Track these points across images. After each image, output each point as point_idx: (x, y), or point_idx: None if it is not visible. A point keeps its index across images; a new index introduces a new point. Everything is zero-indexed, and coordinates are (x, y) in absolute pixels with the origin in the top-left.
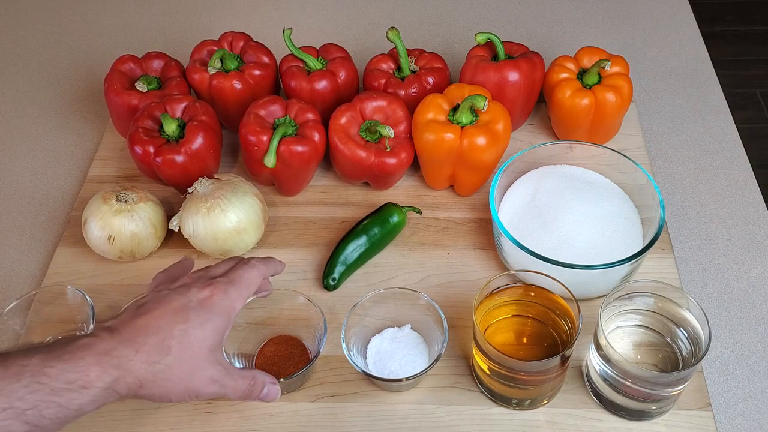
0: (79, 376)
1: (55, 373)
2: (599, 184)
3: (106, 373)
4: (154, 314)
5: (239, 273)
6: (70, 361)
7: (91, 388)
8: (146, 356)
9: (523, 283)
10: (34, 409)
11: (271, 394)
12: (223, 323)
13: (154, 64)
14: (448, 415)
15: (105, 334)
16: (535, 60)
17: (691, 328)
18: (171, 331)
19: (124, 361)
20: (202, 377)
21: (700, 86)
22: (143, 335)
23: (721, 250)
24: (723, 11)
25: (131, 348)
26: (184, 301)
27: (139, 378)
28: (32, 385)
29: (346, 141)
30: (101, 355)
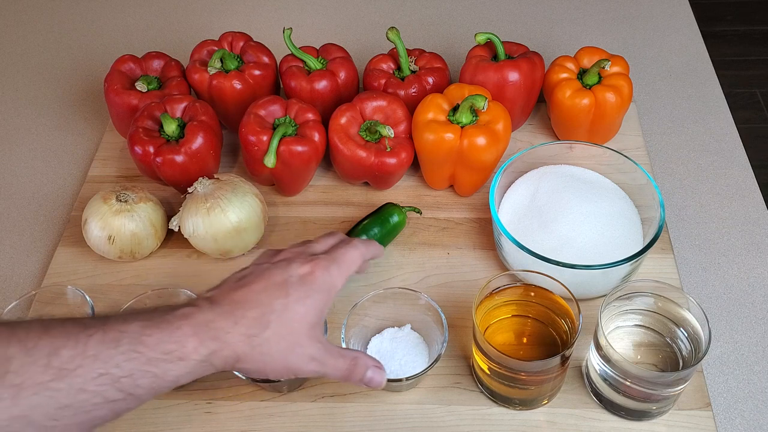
0: (176, 347)
1: (152, 343)
2: (599, 184)
3: (203, 346)
4: (254, 288)
5: (341, 251)
6: (167, 330)
7: (187, 360)
8: (245, 329)
9: (523, 283)
10: (129, 377)
11: (376, 379)
12: (323, 300)
13: (154, 64)
14: (448, 415)
15: (205, 304)
16: (535, 60)
17: (691, 328)
18: (271, 306)
19: (221, 334)
20: (301, 354)
21: (700, 86)
22: (242, 308)
23: (721, 250)
24: (723, 11)
25: (230, 320)
26: (285, 276)
27: (237, 351)
28: (129, 353)
29: (346, 141)
30: (199, 326)
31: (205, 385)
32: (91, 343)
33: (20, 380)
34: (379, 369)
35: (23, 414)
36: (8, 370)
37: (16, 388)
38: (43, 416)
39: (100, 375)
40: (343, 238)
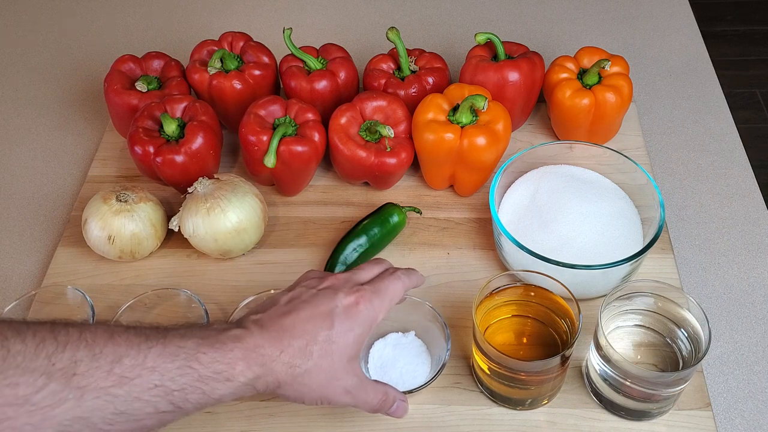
0: (226, 368)
1: (206, 361)
2: (599, 184)
3: (250, 370)
4: (302, 316)
5: (385, 284)
6: (220, 351)
7: (233, 381)
8: (289, 358)
9: (523, 283)
10: (181, 391)
11: (399, 410)
12: (364, 333)
13: (154, 64)
14: (448, 415)
15: (255, 329)
16: (535, 60)
17: (691, 328)
18: (315, 336)
19: (268, 360)
20: (337, 386)
21: (700, 86)
22: (289, 336)
23: (721, 250)
24: (723, 11)
25: (277, 348)
26: (331, 306)
27: (279, 379)
28: (184, 368)
29: (346, 141)
30: (248, 351)
31: None
32: (150, 355)
33: (85, 383)
34: (404, 402)
35: (84, 415)
36: (75, 372)
37: (81, 390)
38: (101, 420)
39: (155, 386)
40: (389, 267)
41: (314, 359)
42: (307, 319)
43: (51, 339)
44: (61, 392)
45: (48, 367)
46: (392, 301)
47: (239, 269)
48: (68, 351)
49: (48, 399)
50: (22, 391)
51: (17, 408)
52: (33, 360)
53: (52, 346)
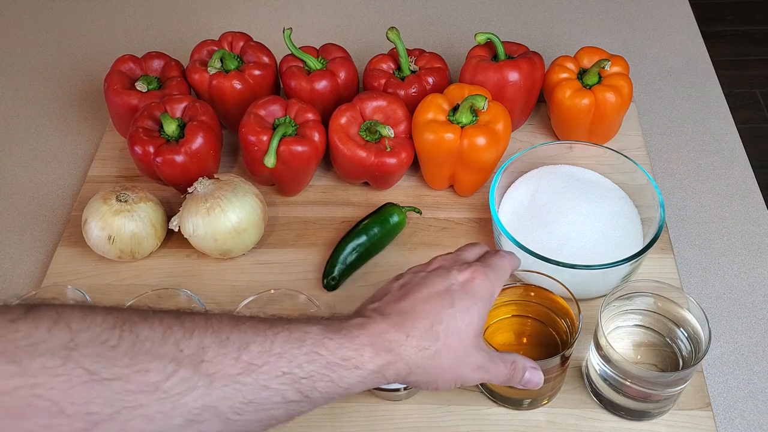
0: (354, 355)
1: (333, 347)
2: (599, 184)
3: (378, 356)
4: (419, 297)
5: (494, 260)
6: (347, 337)
7: (362, 369)
8: (417, 342)
9: (523, 283)
10: (309, 379)
11: (534, 379)
12: (485, 307)
13: (154, 64)
14: (448, 415)
15: (375, 315)
16: (535, 60)
17: (691, 328)
18: (439, 316)
19: (395, 346)
20: (468, 364)
21: (700, 86)
22: (412, 320)
23: (721, 250)
24: (723, 11)
25: (402, 332)
26: (447, 285)
27: (409, 364)
28: (311, 355)
29: (346, 141)
30: (375, 337)
31: None
32: (277, 341)
33: (214, 370)
34: (536, 370)
35: (214, 404)
36: (204, 359)
37: (209, 378)
38: (230, 409)
39: (283, 374)
40: (486, 247)
41: (442, 339)
42: (425, 299)
43: (178, 325)
44: (191, 379)
45: (176, 353)
46: (503, 276)
47: (239, 269)
48: (195, 337)
49: (178, 386)
50: (152, 377)
51: (149, 395)
52: (162, 346)
53: (179, 332)
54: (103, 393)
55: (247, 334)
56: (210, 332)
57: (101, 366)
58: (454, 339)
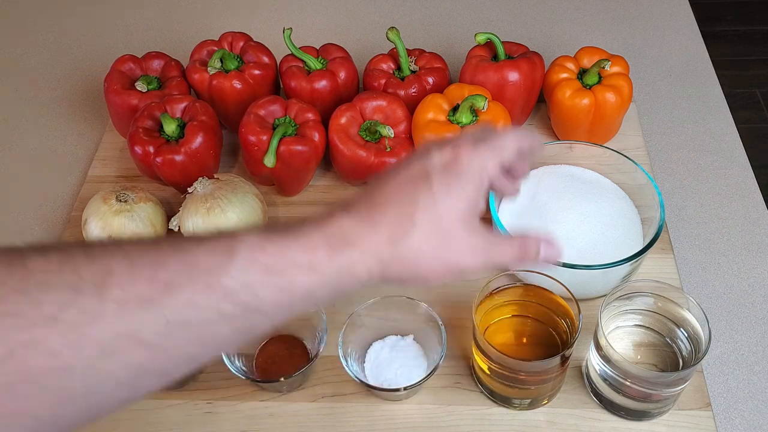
0: (305, 256)
1: (275, 250)
2: (599, 184)
3: (337, 255)
4: (393, 184)
5: (488, 133)
6: (295, 237)
7: (320, 271)
8: (387, 232)
9: (522, 283)
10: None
11: (551, 253)
12: (474, 186)
13: (154, 64)
14: (448, 415)
15: (340, 212)
16: (535, 60)
17: (691, 328)
18: (414, 201)
19: (359, 240)
20: (459, 246)
21: (700, 86)
22: (382, 211)
23: (721, 250)
24: (723, 11)
25: (368, 224)
26: (426, 166)
27: (381, 258)
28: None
29: (346, 141)
30: (332, 235)
31: (205, 385)
32: (201, 254)
33: (123, 295)
34: (551, 243)
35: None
36: (110, 284)
37: (118, 303)
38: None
39: (209, 287)
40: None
41: (420, 225)
42: (399, 185)
43: (80, 253)
44: (96, 307)
45: (76, 280)
46: (501, 150)
47: None
48: (100, 262)
49: (80, 316)
50: (47, 309)
51: (46, 329)
52: (57, 275)
53: (80, 259)
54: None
55: (164, 252)
56: (119, 255)
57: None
58: (435, 224)
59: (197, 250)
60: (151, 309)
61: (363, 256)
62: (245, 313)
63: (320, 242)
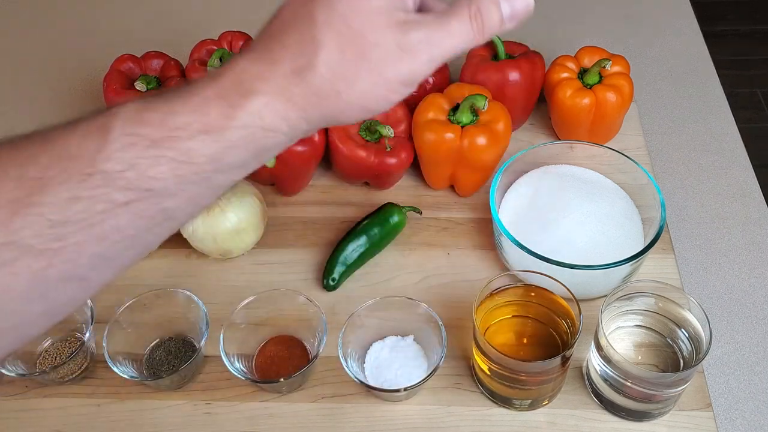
0: (194, 118)
1: (156, 119)
2: (600, 184)
3: (236, 108)
4: (289, 7)
5: None
6: (180, 101)
7: (216, 132)
8: (289, 65)
9: (523, 284)
10: (132, 169)
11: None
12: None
13: (153, 63)
14: (448, 416)
15: (236, 59)
16: (535, 59)
17: (692, 329)
18: (311, 15)
19: (257, 83)
20: (388, 51)
21: (701, 86)
22: (278, 39)
23: (722, 250)
24: (724, 11)
25: (266, 63)
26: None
27: (292, 100)
28: (124, 139)
29: (346, 141)
30: (226, 87)
31: (204, 386)
32: (74, 140)
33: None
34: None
35: (9, 240)
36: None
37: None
38: (36, 238)
39: (88, 175)
40: None
41: (323, 42)
42: (298, 6)
43: None
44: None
45: None
46: None
47: (239, 269)
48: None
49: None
50: None
51: None
52: None
53: None
54: None
55: (35, 146)
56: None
57: None
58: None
59: (70, 136)
60: (26, 211)
61: (268, 103)
62: (144, 197)
63: (213, 98)
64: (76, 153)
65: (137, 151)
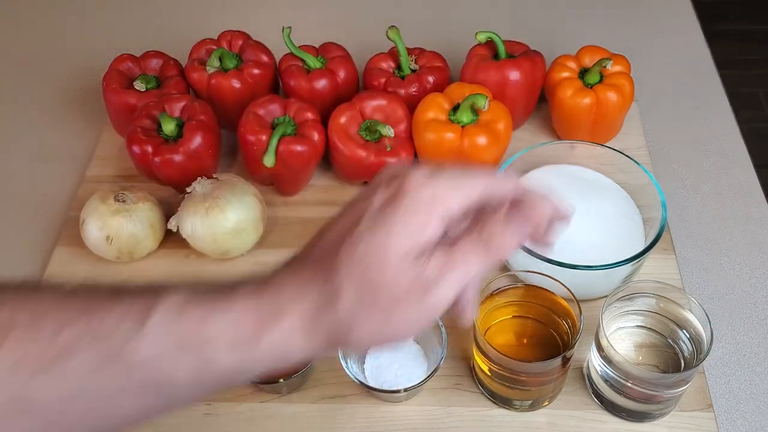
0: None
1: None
2: (601, 184)
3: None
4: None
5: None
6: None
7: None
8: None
9: (523, 284)
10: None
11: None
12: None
13: (153, 63)
14: (449, 416)
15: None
16: (536, 59)
17: (693, 329)
18: (335, 265)
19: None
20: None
21: (702, 85)
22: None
23: (723, 250)
24: (726, 10)
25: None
26: (361, 209)
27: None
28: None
29: (346, 140)
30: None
31: None
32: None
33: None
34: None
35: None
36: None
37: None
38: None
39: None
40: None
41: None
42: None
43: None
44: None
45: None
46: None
47: (238, 269)
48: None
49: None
50: None
51: None
52: None
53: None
54: None
55: (75, 306)
56: (28, 308)
57: None
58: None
59: (112, 310)
60: (47, 374)
61: (295, 327)
62: (154, 389)
63: (250, 312)
64: (109, 333)
65: (166, 348)
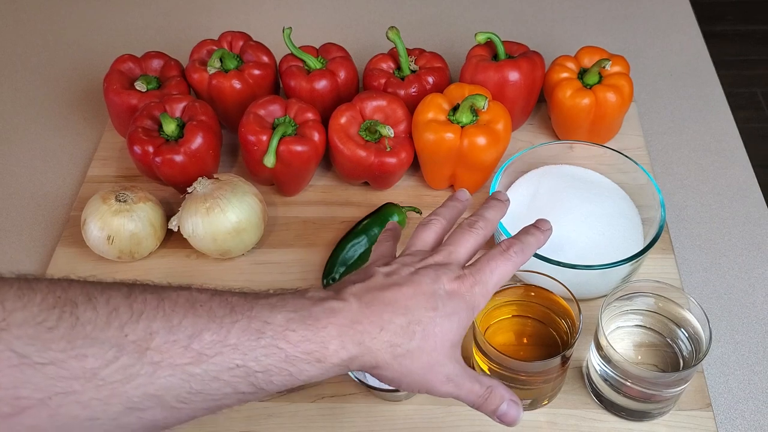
0: (318, 348)
1: (295, 339)
2: (600, 184)
3: (344, 349)
4: (405, 292)
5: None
6: (312, 328)
7: (325, 362)
8: (389, 337)
9: (523, 284)
10: (264, 373)
11: (510, 414)
12: (467, 319)
13: (154, 63)
14: (448, 416)
15: (353, 301)
16: (535, 59)
17: (692, 329)
18: (418, 316)
19: (366, 338)
20: (439, 372)
21: (701, 86)
22: (390, 312)
23: (721, 250)
24: (724, 11)
25: (377, 325)
26: (434, 287)
27: (377, 359)
28: (270, 348)
29: (346, 141)
30: (345, 327)
31: None
32: (234, 331)
33: (159, 358)
34: (515, 404)
35: (157, 393)
36: (150, 347)
37: (154, 366)
38: (174, 398)
39: (237, 366)
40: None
41: (417, 340)
42: (410, 296)
43: (125, 307)
44: (133, 367)
45: (120, 338)
46: (497, 285)
47: (239, 269)
48: (143, 321)
49: (118, 374)
50: (90, 363)
51: (84, 382)
52: (104, 330)
53: (126, 315)
54: (33, 378)
55: (201, 320)
56: (160, 316)
57: (35, 349)
58: (429, 342)
59: (232, 327)
60: (181, 376)
61: (364, 355)
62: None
63: (334, 335)
64: (234, 343)
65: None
